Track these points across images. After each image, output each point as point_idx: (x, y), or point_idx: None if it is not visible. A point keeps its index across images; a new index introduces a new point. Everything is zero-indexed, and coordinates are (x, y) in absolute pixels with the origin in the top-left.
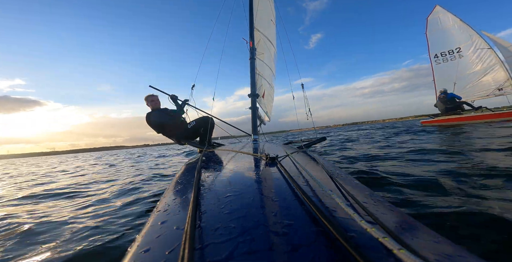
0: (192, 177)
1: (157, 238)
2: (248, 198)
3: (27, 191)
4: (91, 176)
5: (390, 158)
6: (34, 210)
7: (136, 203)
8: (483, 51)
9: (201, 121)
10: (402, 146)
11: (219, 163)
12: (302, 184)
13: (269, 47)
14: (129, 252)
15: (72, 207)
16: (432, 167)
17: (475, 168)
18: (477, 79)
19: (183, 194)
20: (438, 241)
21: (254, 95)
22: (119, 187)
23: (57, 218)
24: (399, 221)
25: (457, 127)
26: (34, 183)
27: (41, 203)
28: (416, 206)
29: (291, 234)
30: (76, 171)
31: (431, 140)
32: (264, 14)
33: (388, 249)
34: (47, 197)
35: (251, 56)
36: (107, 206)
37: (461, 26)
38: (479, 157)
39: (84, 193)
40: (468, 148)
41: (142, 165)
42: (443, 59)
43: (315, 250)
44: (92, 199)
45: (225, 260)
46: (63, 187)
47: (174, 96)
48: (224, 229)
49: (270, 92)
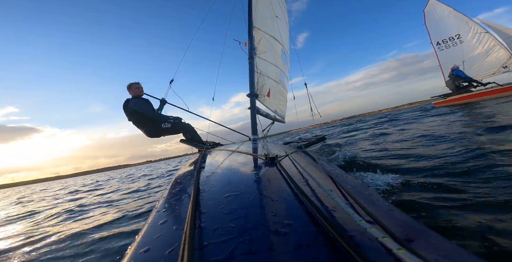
0: (191, 177)
1: (156, 238)
2: (248, 198)
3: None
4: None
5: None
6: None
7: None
8: (481, 35)
9: (178, 125)
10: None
11: (219, 163)
12: (301, 184)
13: (273, 44)
14: (129, 252)
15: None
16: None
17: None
18: (481, 60)
19: (183, 194)
20: (438, 241)
21: (253, 95)
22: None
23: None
24: (398, 221)
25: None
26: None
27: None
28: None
29: (290, 234)
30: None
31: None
32: (266, 12)
33: (388, 249)
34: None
35: (249, 56)
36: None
37: (456, 15)
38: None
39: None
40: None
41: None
42: (445, 46)
43: (315, 250)
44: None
45: (225, 260)
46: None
47: (164, 100)
48: (224, 229)
49: (279, 90)
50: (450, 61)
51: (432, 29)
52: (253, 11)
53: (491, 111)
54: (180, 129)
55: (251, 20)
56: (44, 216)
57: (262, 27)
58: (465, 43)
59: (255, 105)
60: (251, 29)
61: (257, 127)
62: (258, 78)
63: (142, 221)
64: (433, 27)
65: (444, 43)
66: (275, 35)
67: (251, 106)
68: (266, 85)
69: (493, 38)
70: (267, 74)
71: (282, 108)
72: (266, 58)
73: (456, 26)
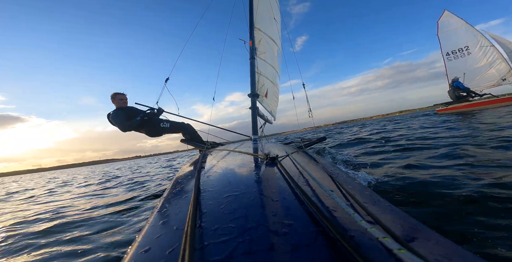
0: (192, 177)
1: (157, 238)
2: (248, 198)
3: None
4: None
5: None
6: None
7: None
8: (487, 48)
9: (176, 126)
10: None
11: (219, 163)
12: (302, 184)
13: (271, 45)
14: (129, 252)
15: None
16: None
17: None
18: (484, 72)
19: (183, 194)
20: (438, 241)
21: (254, 95)
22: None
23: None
24: (399, 221)
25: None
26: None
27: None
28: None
29: (291, 234)
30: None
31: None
32: (265, 13)
33: (388, 249)
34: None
35: (251, 56)
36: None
37: (467, 28)
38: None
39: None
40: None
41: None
42: (454, 57)
43: (315, 250)
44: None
45: (225, 260)
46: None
47: (161, 110)
48: (224, 229)
49: (274, 91)
50: (456, 71)
51: (444, 40)
52: (254, 11)
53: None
54: (179, 129)
55: (253, 19)
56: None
57: (262, 28)
58: (472, 54)
59: (256, 105)
60: (252, 29)
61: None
62: (258, 79)
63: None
64: (445, 38)
65: (454, 54)
66: (273, 37)
67: (252, 106)
68: (264, 85)
69: (497, 51)
70: (265, 75)
71: (275, 109)
72: (265, 59)
73: (466, 38)
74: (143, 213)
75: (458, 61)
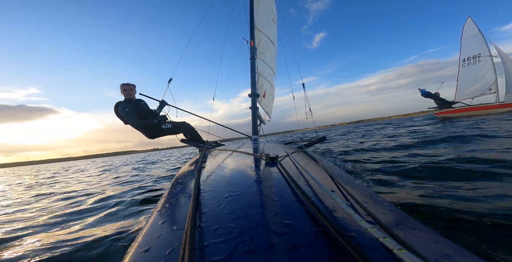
0: (192, 177)
1: (157, 238)
2: (248, 198)
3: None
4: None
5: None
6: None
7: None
8: (485, 58)
9: (177, 126)
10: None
11: (219, 163)
12: (302, 184)
13: (269, 46)
14: (129, 252)
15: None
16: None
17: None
18: (482, 81)
19: (183, 194)
20: (438, 241)
21: (255, 95)
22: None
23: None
24: (399, 221)
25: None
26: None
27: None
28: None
29: (291, 234)
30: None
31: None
32: (265, 14)
33: (388, 249)
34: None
35: (251, 56)
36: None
37: (480, 37)
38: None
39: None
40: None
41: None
42: (467, 63)
43: (315, 250)
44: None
45: (225, 260)
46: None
47: (164, 102)
48: (224, 229)
49: (271, 92)
50: (465, 78)
51: (465, 46)
52: (254, 11)
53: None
54: (180, 129)
55: (253, 20)
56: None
57: (262, 28)
58: (480, 63)
59: (256, 105)
60: (253, 29)
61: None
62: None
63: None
64: (466, 44)
65: (468, 60)
66: (271, 38)
67: (252, 106)
68: (263, 86)
69: (491, 62)
70: (264, 76)
71: (271, 110)
72: (264, 60)
73: (478, 46)
74: (143, 213)
75: (470, 67)
